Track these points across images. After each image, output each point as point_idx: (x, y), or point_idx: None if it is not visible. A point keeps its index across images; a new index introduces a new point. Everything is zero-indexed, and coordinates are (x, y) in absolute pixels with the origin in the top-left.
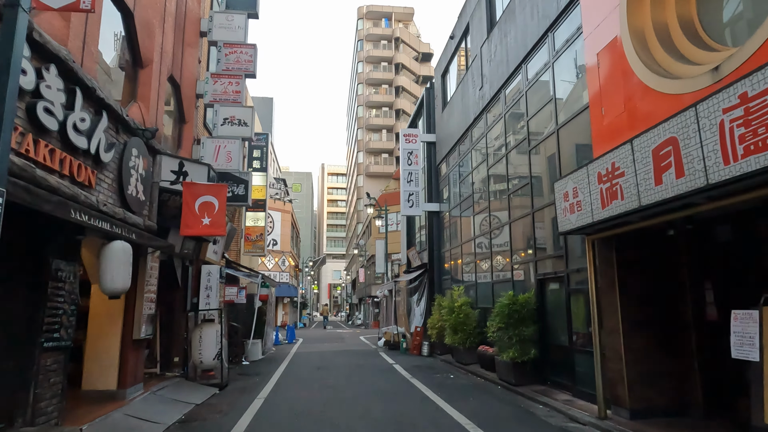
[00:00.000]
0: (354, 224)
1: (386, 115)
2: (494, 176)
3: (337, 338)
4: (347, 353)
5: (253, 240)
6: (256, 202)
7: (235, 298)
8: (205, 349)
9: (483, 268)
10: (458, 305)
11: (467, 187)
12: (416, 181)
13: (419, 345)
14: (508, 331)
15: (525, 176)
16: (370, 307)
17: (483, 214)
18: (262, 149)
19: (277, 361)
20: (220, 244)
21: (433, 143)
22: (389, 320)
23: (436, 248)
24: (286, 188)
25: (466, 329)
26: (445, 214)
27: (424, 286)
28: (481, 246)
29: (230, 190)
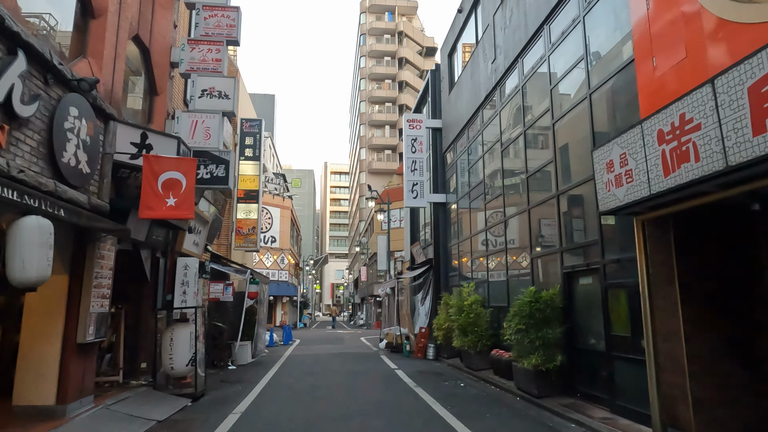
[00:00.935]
0: (356, 222)
1: (389, 111)
2: (509, 158)
3: (337, 339)
4: (345, 356)
5: (244, 234)
6: (249, 193)
7: (221, 295)
8: (177, 354)
9: (496, 263)
10: (468, 304)
11: (477, 174)
12: (421, 170)
13: (424, 348)
14: (530, 333)
15: (548, 154)
16: (372, 306)
17: (496, 202)
18: (255, 136)
19: (267, 365)
20: (201, 235)
21: (438, 129)
22: (391, 320)
23: (442, 243)
24: (285, 184)
25: (477, 331)
26: (451, 205)
27: (429, 284)
28: (494, 238)
29: (209, 171)
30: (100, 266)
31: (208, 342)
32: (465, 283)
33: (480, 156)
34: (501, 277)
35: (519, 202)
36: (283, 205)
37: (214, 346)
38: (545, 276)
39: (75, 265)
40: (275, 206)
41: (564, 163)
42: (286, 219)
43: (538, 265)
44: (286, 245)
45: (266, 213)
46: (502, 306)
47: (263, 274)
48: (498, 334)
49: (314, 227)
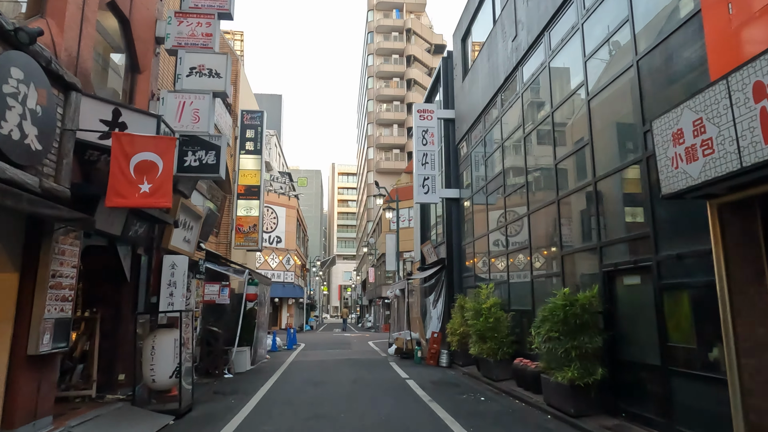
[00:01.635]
0: (364, 223)
1: (397, 110)
2: (533, 145)
3: (344, 343)
4: (352, 363)
5: (245, 232)
6: (249, 189)
7: (217, 297)
8: (159, 364)
9: (517, 262)
10: (487, 307)
11: (494, 166)
12: (432, 164)
13: (437, 354)
14: (564, 341)
15: (581, 137)
16: (380, 309)
17: (517, 195)
18: (257, 129)
19: (267, 373)
20: (193, 231)
21: (451, 120)
22: (401, 324)
23: (455, 241)
24: (291, 183)
25: (497, 337)
26: (465, 201)
27: (442, 285)
28: (515, 234)
29: (197, 158)
30: (59, 263)
31: (203, 348)
32: (482, 285)
33: (498, 145)
34: (524, 277)
35: (545, 193)
36: (289, 205)
37: (208, 353)
38: (578, 276)
39: (27, 261)
40: (281, 205)
41: (603, 145)
42: (292, 219)
43: (569, 263)
44: (292, 246)
45: (271, 212)
46: (525, 310)
47: (266, 275)
48: (520, 340)
49: (321, 229)
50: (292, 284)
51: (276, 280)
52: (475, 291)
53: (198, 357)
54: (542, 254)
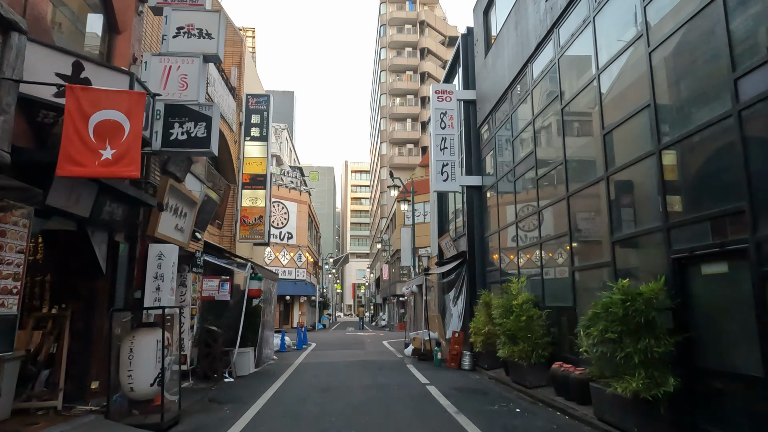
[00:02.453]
0: (377, 221)
1: (411, 104)
2: (574, 115)
3: (357, 343)
4: (366, 366)
5: (250, 224)
6: (255, 178)
7: (216, 293)
8: (138, 369)
9: (554, 252)
10: (518, 304)
11: (524, 146)
12: (451, 149)
13: (458, 356)
14: (624, 344)
15: (639, 98)
16: (395, 307)
17: (554, 176)
18: (263, 114)
19: (272, 377)
20: (187, 219)
21: (472, 102)
22: (418, 323)
23: (477, 232)
24: (302, 177)
25: (530, 338)
26: (487, 189)
27: (462, 281)
28: (551, 221)
29: (185, 131)
30: None
31: (201, 350)
32: (512, 278)
33: (528, 122)
34: (562, 270)
35: (589, 170)
36: (300, 200)
37: (206, 354)
38: (636, 265)
39: None
40: (292, 200)
41: (670, 105)
42: (303, 214)
43: (622, 251)
44: (303, 242)
45: (282, 207)
46: (563, 307)
47: (275, 272)
48: (558, 342)
49: (335, 227)
50: (303, 281)
51: (287, 278)
52: (504, 286)
53: (195, 359)
54: (585, 242)
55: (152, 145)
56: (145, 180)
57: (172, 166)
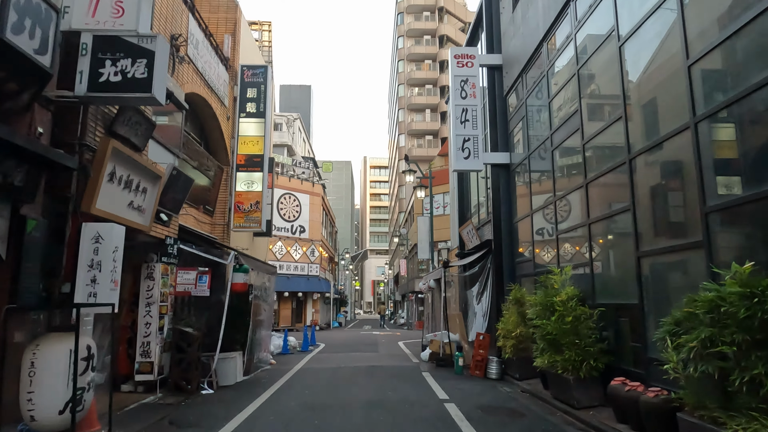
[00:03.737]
0: (396, 216)
1: (430, 93)
2: (639, 50)
3: (370, 344)
4: (375, 373)
5: (245, 210)
6: (251, 159)
7: (193, 288)
8: (41, 391)
9: (609, 235)
10: (561, 300)
11: (562, 108)
12: (474, 122)
13: (484, 362)
14: (748, 363)
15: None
16: (413, 304)
17: (606, 137)
18: (259, 87)
19: (260, 388)
20: (148, 196)
21: (497, 67)
22: (437, 322)
23: (504, 218)
24: (316, 169)
25: (579, 344)
26: (516, 167)
27: (487, 274)
28: (604, 195)
29: (120, 70)
30: None
31: (173, 356)
32: (554, 269)
33: (573, 73)
34: (621, 256)
35: (665, 120)
36: (313, 192)
37: (178, 361)
38: (748, 245)
39: None
40: (304, 192)
41: None
42: (316, 207)
43: (725, 227)
44: (316, 236)
45: (294, 200)
46: (624, 305)
47: (268, 263)
48: (615, 350)
49: (353, 223)
50: (317, 277)
51: (299, 273)
52: (542, 278)
53: (167, 367)
54: (659, 218)
55: (75, 89)
56: (79, 141)
57: (121, 126)
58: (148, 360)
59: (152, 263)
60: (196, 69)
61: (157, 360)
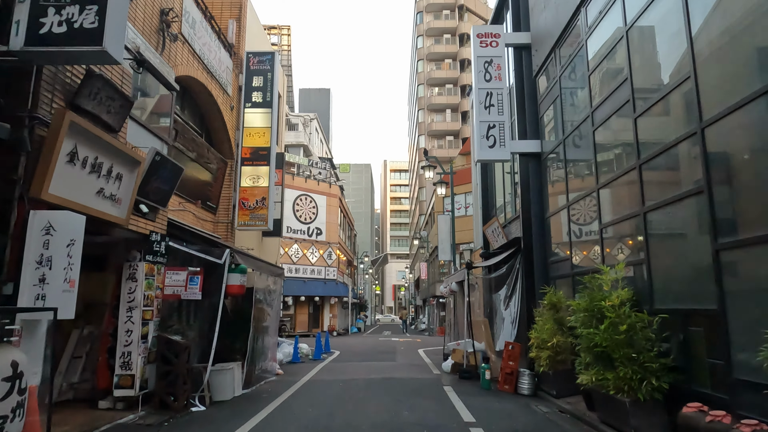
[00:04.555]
0: (416, 218)
1: (450, 93)
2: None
3: (388, 352)
4: (390, 387)
5: (250, 207)
6: (257, 152)
7: (183, 290)
8: None
9: (670, 225)
10: (612, 305)
11: (604, 82)
12: (499, 107)
13: (514, 376)
14: None
15: None
16: (434, 309)
17: (671, 101)
18: (266, 75)
19: (260, 403)
20: (123, 183)
21: (524, 47)
22: (459, 329)
23: (535, 213)
24: (333, 170)
25: (635, 358)
26: (548, 156)
27: (516, 275)
28: (662, 176)
29: (65, 19)
30: None
31: (158, 368)
32: (603, 267)
33: (620, 36)
34: (692, 251)
35: (747, 77)
36: (330, 193)
37: (164, 374)
38: None
39: None
40: (320, 193)
41: None
42: (333, 208)
43: None
44: (334, 238)
45: (310, 201)
46: (695, 310)
47: (274, 264)
48: (684, 367)
49: (373, 227)
50: (334, 281)
51: (315, 277)
52: (587, 279)
53: (152, 380)
54: (744, 200)
55: (9, 43)
56: (29, 113)
57: (86, 100)
58: (128, 373)
59: (135, 262)
60: (193, 51)
61: (139, 372)
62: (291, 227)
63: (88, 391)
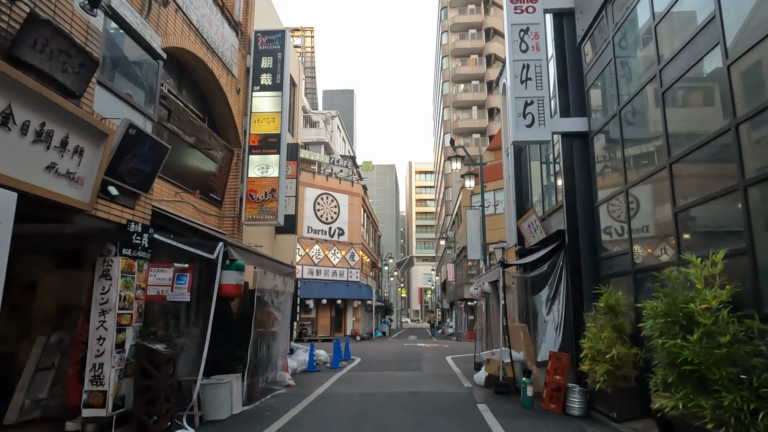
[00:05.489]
0: (442, 219)
1: (476, 90)
2: None
3: (413, 359)
4: (415, 404)
5: (259, 200)
6: (266, 140)
7: (169, 291)
8: None
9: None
10: (707, 308)
11: (674, 34)
12: (538, 81)
13: (561, 393)
14: None
15: None
16: (462, 312)
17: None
18: (276, 55)
19: (259, 425)
20: (87, 158)
21: (566, 12)
22: (494, 336)
23: (582, 202)
24: (355, 168)
25: (746, 382)
26: (597, 134)
27: (559, 274)
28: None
29: None
30: None
31: (137, 381)
32: (693, 258)
33: None
34: None
35: None
36: (352, 191)
37: (143, 389)
38: None
39: None
40: (342, 192)
41: None
42: (356, 207)
43: None
44: (356, 239)
45: (331, 200)
46: None
47: (283, 262)
48: None
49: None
50: (357, 283)
51: (338, 279)
52: (667, 274)
53: (130, 396)
54: None
55: None
56: None
57: (29, 52)
58: (99, 389)
59: (109, 257)
60: (188, 21)
61: (112, 389)
62: (312, 227)
63: (59, 408)
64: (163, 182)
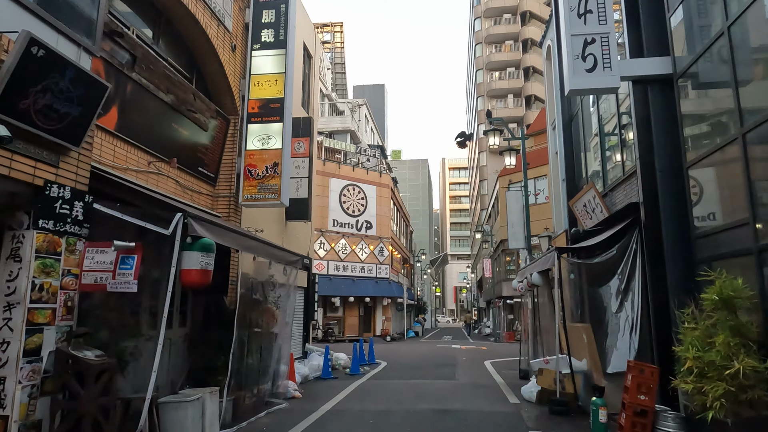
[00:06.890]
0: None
1: (512, 77)
2: None
3: (447, 364)
4: (446, 429)
5: (259, 177)
6: (267, 106)
7: (111, 278)
8: None
9: None
10: None
11: None
12: (600, 13)
13: (648, 419)
14: None
15: None
16: (500, 311)
17: None
18: (278, 8)
19: None
20: None
21: None
22: (546, 338)
23: (664, 167)
24: (384, 158)
25: None
26: (683, 78)
27: (632, 258)
28: None
29: None
30: None
31: (54, 403)
32: None
33: None
34: None
35: None
36: (380, 182)
37: (66, 412)
38: None
39: None
40: (370, 183)
41: None
42: (384, 199)
43: None
44: (386, 232)
45: (358, 191)
46: None
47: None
48: None
49: (432, 226)
50: (387, 280)
51: (366, 275)
52: None
53: (47, 422)
54: None
55: None
56: None
57: None
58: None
59: (20, 231)
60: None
61: (17, 412)
62: (337, 220)
63: None
64: (130, 147)
